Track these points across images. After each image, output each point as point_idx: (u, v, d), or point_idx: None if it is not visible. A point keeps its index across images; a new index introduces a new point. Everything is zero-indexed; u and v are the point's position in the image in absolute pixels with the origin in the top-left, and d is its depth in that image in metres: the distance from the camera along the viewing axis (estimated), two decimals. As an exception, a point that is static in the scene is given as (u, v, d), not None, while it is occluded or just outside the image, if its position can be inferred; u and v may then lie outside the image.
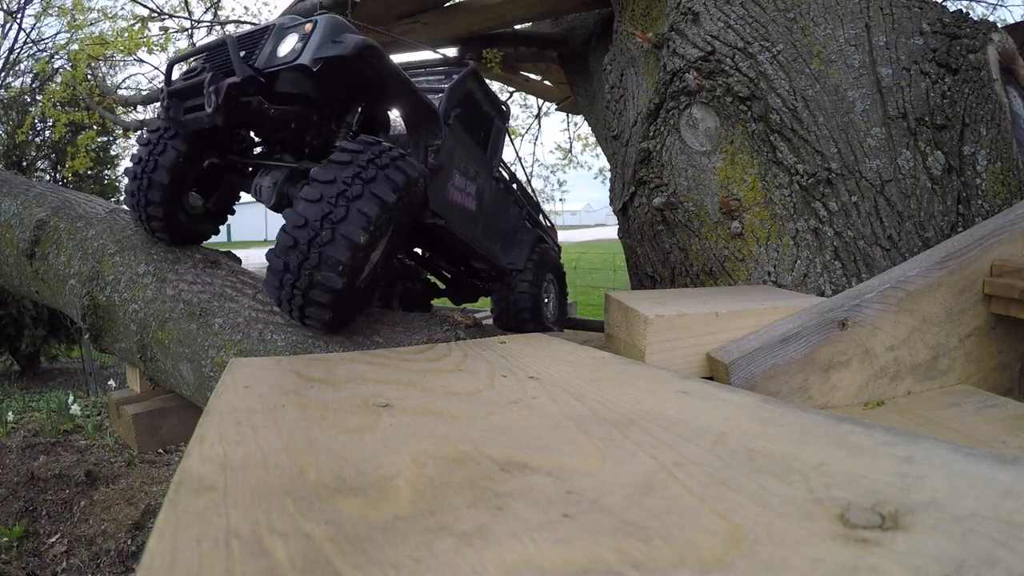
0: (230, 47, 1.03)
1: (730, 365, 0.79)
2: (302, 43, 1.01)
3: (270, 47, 1.05)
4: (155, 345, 1.21)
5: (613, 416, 0.50)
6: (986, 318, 0.90)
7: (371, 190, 0.92)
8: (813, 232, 1.19)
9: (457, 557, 0.29)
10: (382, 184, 0.93)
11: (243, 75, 1.01)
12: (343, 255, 0.89)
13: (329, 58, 1.00)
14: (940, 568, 0.27)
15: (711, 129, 1.30)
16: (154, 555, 0.29)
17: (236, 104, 1.00)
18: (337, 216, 0.89)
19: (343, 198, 0.89)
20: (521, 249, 1.85)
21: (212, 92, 0.98)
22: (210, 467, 0.40)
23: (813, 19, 1.24)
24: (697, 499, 0.35)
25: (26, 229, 1.41)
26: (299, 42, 1.02)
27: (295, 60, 1.00)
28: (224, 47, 1.07)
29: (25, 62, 7.43)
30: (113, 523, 2.99)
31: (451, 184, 1.39)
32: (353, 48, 1.00)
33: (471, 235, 1.51)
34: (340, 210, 0.89)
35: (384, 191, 0.93)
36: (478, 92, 1.60)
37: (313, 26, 1.02)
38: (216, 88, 0.98)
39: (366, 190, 0.91)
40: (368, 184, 0.92)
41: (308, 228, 0.88)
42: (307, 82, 1.07)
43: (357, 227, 0.89)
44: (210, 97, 0.99)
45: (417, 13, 2.58)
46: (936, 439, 0.40)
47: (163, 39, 3.62)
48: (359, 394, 0.59)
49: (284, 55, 1.03)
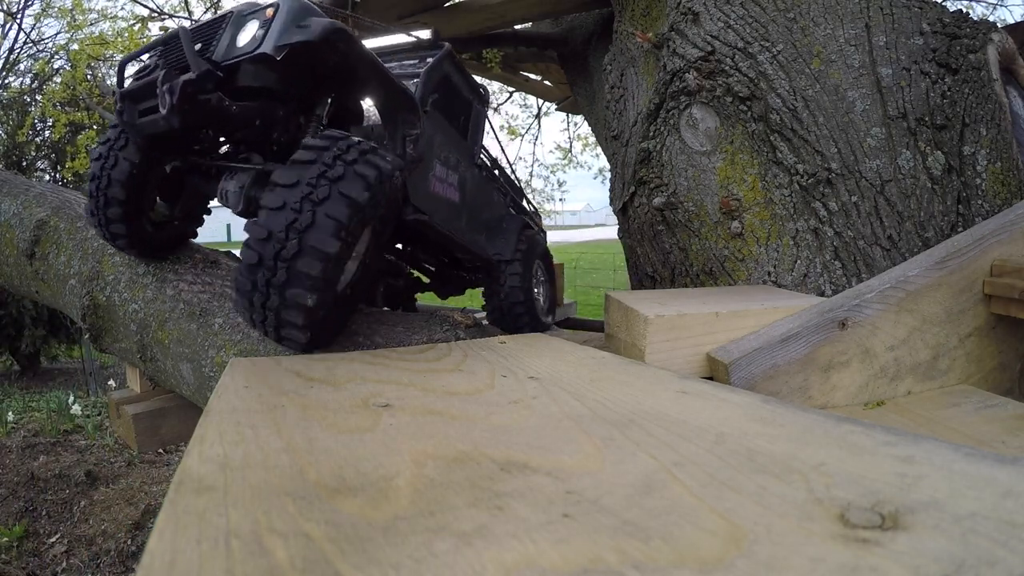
0: (183, 39, 0.92)
1: (730, 365, 0.79)
2: (263, 30, 0.91)
3: (228, 37, 0.95)
4: (155, 345, 1.21)
5: (613, 416, 0.50)
6: (986, 318, 0.90)
7: (339, 190, 0.82)
8: (813, 232, 1.19)
9: (457, 557, 0.29)
10: (351, 182, 0.83)
11: (199, 70, 0.90)
12: (313, 268, 0.80)
13: (294, 44, 0.90)
14: (940, 568, 0.27)
15: (711, 129, 1.30)
16: (154, 555, 0.29)
17: (193, 103, 0.90)
18: (303, 223, 0.79)
19: (308, 202, 0.80)
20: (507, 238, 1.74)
21: (166, 91, 0.89)
22: (210, 467, 0.40)
23: (813, 19, 1.24)
24: (697, 499, 0.35)
25: (26, 229, 1.41)
26: (260, 29, 0.92)
27: (256, 49, 0.90)
28: (177, 40, 0.96)
29: (25, 62, 7.43)
30: (113, 523, 2.99)
31: (432, 175, 1.30)
32: (320, 32, 0.91)
33: (455, 227, 1.42)
34: (306, 216, 0.79)
35: (354, 190, 0.83)
36: (455, 75, 1.48)
37: (275, 10, 0.92)
38: (170, 87, 0.88)
39: (333, 191, 0.81)
40: (335, 183, 0.82)
41: (273, 241, 0.79)
42: (270, 74, 0.98)
43: (326, 235, 0.80)
44: (164, 97, 0.89)
45: (417, 13, 2.58)
46: (936, 439, 0.40)
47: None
48: (359, 394, 0.59)
49: (244, 45, 0.93)
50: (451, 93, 1.47)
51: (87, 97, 3.49)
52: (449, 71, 1.45)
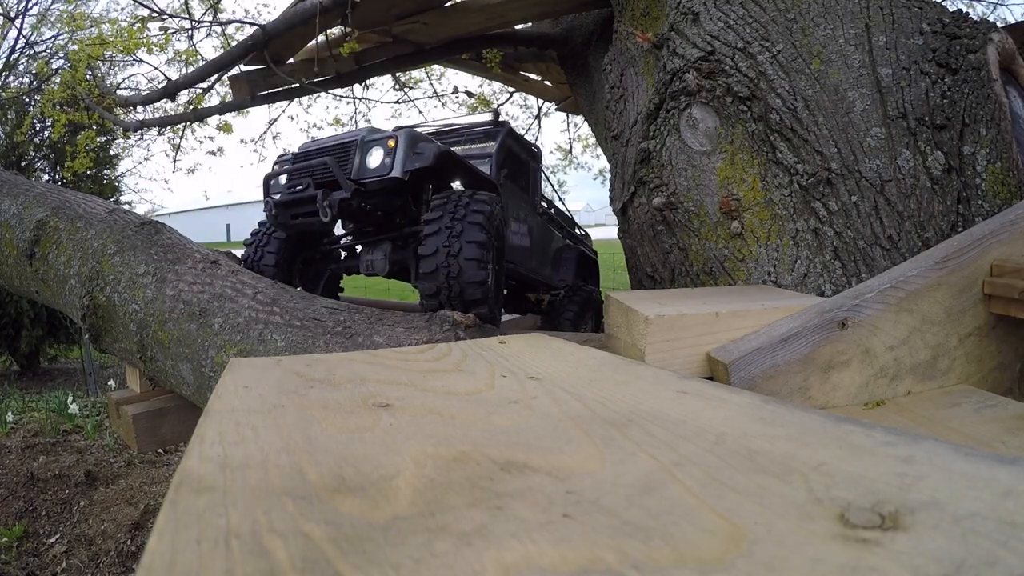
0: (333, 168, 1.26)
1: (730, 365, 0.79)
2: (390, 158, 1.24)
3: (359, 159, 1.28)
4: (155, 345, 1.21)
5: (613, 416, 0.50)
6: (986, 318, 0.90)
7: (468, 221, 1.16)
8: (813, 232, 1.19)
9: (457, 557, 0.29)
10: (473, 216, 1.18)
11: (350, 190, 1.24)
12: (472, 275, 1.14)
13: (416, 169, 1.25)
14: (940, 568, 0.27)
15: (711, 129, 1.30)
16: (154, 555, 0.29)
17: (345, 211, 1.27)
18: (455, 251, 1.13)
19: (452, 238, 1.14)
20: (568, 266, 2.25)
21: (327, 206, 1.23)
22: (210, 467, 0.40)
23: (813, 19, 1.24)
24: (697, 499, 0.35)
25: (26, 229, 1.41)
26: (386, 156, 1.25)
27: (388, 174, 1.24)
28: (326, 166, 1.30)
29: (24, 63, 7.43)
30: (113, 523, 2.99)
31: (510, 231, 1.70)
32: (432, 158, 1.25)
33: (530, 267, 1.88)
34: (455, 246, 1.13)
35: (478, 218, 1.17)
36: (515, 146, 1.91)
37: (396, 142, 1.25)
38: (330, 203, 1.24)
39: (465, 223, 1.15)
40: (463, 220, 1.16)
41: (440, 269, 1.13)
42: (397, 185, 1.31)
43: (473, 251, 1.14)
44: (325, 209, 1.23)
45: (417, 13, 2.58)
46: (936, 439, 0.40)
47: (163, 39, 3.61)
48: (359, 394, 0.59)
49: (375, 167, 1.26)
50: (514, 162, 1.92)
51: (87, 97, 3.48)
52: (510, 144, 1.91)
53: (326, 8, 2.33)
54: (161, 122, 3.94)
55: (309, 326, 1.09)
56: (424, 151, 1.26)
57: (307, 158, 1.35)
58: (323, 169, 1.29)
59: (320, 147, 1.36)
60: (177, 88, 2.99)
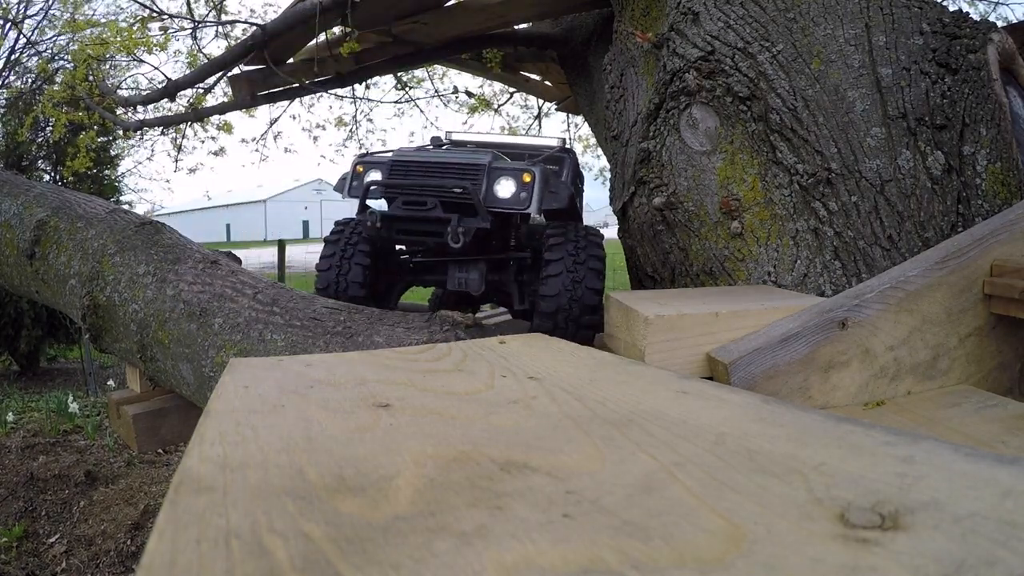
0: (474, 197, 1.22)
1: (730, 365, 0.79)
2: (526, 192, 1.25)
3: (486, 185, 1.26)
4: (155, 345, 1.21)
5: (613, 416, 0.50)
6: (986, 318, 0.90)
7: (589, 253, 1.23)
8: (813, 232, 1.19)
9: (457, 557, 0.29)
10: (594, 248, 1.24)
11: (486, 222, 1.23)
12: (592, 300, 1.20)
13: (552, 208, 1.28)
14: (940, 568, 0.27)
15: (711, 129, 1.30)
16: (154, 555, 0.29)
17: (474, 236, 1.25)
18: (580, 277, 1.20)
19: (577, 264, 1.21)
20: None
21: (460, 233, 1.22)
22: (210, 467, 0.40)
23: (813, 19, 1.24)
24: (697, 499, 0.35)
25: (26, 229, 1.41)
26: (521, 191, 1.25)
27: (525, 208, 1.25)
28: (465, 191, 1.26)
29: (25, 62, 7.43)
30: (113, 523, 2.99)
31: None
32: (567, 200, 1.27)
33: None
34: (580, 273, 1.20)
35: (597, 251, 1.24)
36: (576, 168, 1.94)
37: (532, 177, 1.25)
38: (465, 231, 1.22)
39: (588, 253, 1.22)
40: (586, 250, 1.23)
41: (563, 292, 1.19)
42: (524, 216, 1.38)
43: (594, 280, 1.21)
44: (457, 235, 1.21)
45: (417, 13, 2.58)
46: (936, 439, 0.40)
47: (163, 39, 3.61)
48: (359, 394, 0.59)
49: (506, 199, 1.25)
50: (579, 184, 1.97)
51: (87, 97, 3.48)
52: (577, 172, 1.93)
53: (326, 8, 2.33)
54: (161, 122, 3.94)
55: (309, 326, 1.09)
56: (559, 191, 1.28)
57: (424, 173, 1.29)
58: (456, 192, 1.25)
59: (443, 162, 1.31)
60: (177, 88, 2.99)
